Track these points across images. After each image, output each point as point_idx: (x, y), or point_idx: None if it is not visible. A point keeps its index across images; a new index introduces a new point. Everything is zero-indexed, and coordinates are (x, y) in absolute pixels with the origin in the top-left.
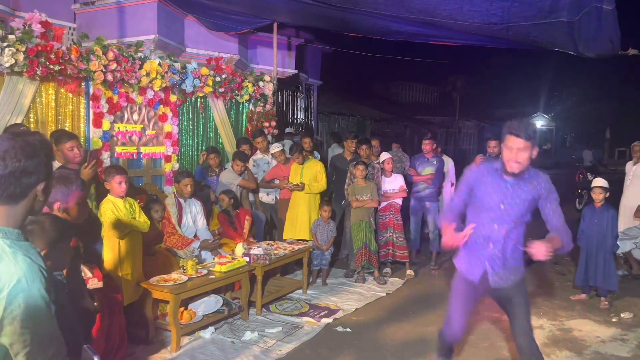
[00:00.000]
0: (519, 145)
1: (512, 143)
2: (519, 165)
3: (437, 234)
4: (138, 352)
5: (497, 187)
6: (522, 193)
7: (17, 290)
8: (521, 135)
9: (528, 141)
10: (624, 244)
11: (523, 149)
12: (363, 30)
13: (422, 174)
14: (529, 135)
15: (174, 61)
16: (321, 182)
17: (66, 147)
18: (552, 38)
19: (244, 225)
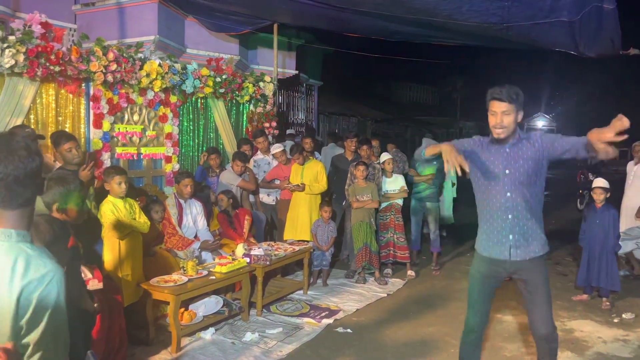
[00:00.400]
0: (502, 108)
1: (496, 107)
2: (504, 130)
3: (438, 234)
4: (138, 353)
5: (496, 154)
6: (522, 153)
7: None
8: (503, 98)
9: (511, 103)
10: (625, 244)
11: (507, 112)
12: (363, 30)
13: (423, 174)
14: (510, 97)
15: (174, 62)
16: (322, 183)
17: (64, 148)
18: (553, 38)
19: (244, 225)
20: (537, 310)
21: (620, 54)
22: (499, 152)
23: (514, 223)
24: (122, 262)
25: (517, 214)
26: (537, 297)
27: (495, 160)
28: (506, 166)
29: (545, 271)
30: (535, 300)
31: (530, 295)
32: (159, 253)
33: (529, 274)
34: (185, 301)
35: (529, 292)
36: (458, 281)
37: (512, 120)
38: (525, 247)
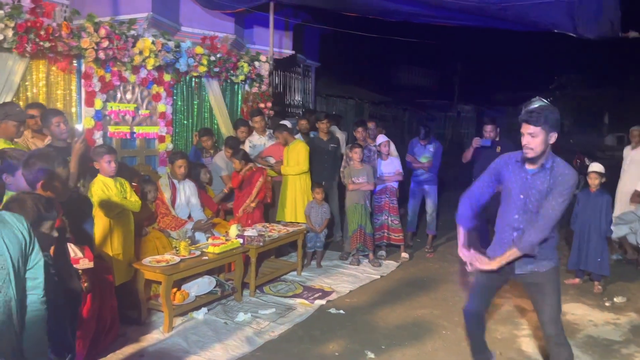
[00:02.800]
0: (529, 130)
1: (523, 129)
2: (531, 151)
3: (435, 217)
4: (130, 332)
5: (517, 177)
6: (539, 184)
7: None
8: (530, 121)
9: (537, 126)
10: (619, 228)
11: (534, 135)
12: (361, 9)
13: (421, 160)
14: (538, 120)
15: (167, 40)
16: (300, 164)
17: (53, 122)
18: (552, 19)
19: (255, 185)
20: (544, 312)
21: (619, 37)
22: (520, 176)
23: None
24: (113, 242)
25: (519, 234)
26: (545, 301)
27: (514, 182)
28: (521, 191)
29: (553, 279)
30: (543, 304)
31: (537, 296)
32: (152, 233)
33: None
34: (177, 281)
35: (536, 293)
36: (451, 264)
37: (539, 142)
38: (528, 264)
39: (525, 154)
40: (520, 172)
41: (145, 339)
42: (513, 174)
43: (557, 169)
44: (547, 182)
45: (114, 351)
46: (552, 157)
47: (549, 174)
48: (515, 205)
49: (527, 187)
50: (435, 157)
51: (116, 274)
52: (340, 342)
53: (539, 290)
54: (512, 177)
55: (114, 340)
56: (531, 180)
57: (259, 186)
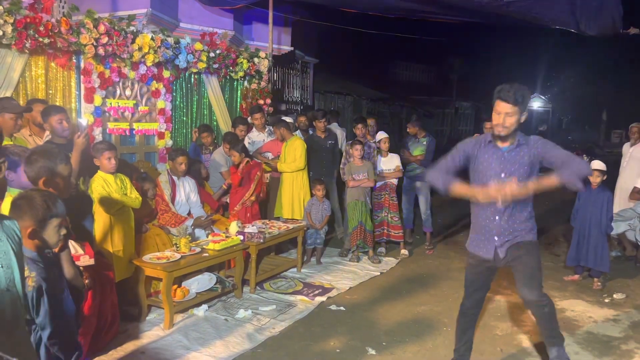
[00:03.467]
0: (506, 109)
1: (501, 107)
2: (505, 129)
3: (429, 214)
4: (130, 329)
5: (494, 157)
6: (520, 158)
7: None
8: (509, 100)
9: (515, 105)
10: (618, 225)
11: (510, 114)
12: (360, 6)
13: (413, 154)
14: (516, 99)
15: (167, 36)
16: (297, 161)
17: (54, 119)
18: (553, 15)
19: (253, 179)
20: (520, 277)
21: (620, 33)
22: (497, 155)
23: (500, 224)
24: (113, 238)
25: (504, 218)
26: (521, 267)
27: (492, 162)
28: (502, 170)
29: (531, 248)
30: (520, 269)
31: (516, 265)
32: (152, 230)
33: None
34: (178, 278)
35: (515, 263)
36: (451, 260)
37: (514, 121)
38: (510, 242)
39: (498, 132)
40: (496, 151)
41: (145, 335)
42: (488, 155)
43: (531, 140)
44: (529, 154)
45: (115, 348)
46: (520, 133)
47: (527, 146)
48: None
49: (508, 164)
50: (428, 151)
51: (116, 271)
52: (341, 339)
53: (518, 259)
54: (489, 158)
55: (115, 336)
56: (509, 156)
57: (257, 180)
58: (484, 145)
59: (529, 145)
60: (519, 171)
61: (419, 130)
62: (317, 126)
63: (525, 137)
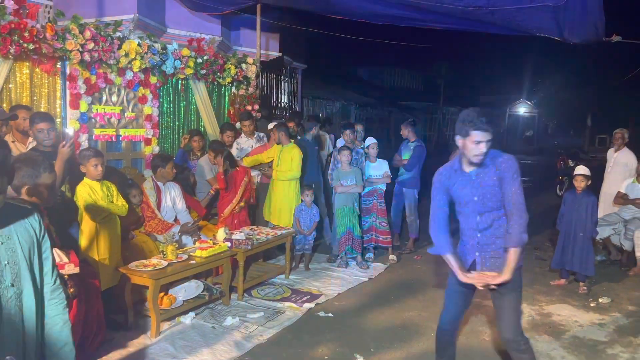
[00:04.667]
0: (486, 137)
1: (481, 137)
2: (484, 156)
3: (414, 220)
4: (117, 338)
5: (464, 183)
6: (487, 179)
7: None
8: (488, 129)
9: (491, 132)
10: (603, 229)
11: (489, 141)
12: (348, 12)
13: (404, 158)
14: (490, 127)
15: (154, 42)
16: (294, 169)
17: (37, 127)
18: (538, 23)
19: (239, 185)
20: (501, 314)
21: (603, 41)
22: (466, 180)
23: (482, 242)
24: (99, 246)
25: (485, 234)
26: (503, 303)
27: (464, 188)
28: (475, 193)
29: (515, 280)
30: (501, 306)
31: (497, 300)
32: (138, 237)
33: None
34: (164, 285)
35: (496, 297)
36: (439, 266)
37: (489, 146)
38: (492, 264)
39: (478, 161)
40: (464, 177)
41: (132, 344)
42: (458, 182)
43: (497, 159)
44: (494, 174)
45: (100, 357)
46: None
47: (491, 167)
48: (474, 209)
49: (478, 187)
50: (413, 155)
51: (102, 279)
52: (330, 346)
53: (500, 296)
54: (460, 185)
55: (100, 345)
56: (477, 179)
57: (244, 185)
58: (453, 173)
59: (495, 165)
60: (491, 192)
61: (409, 133)
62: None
63: (492, 156)
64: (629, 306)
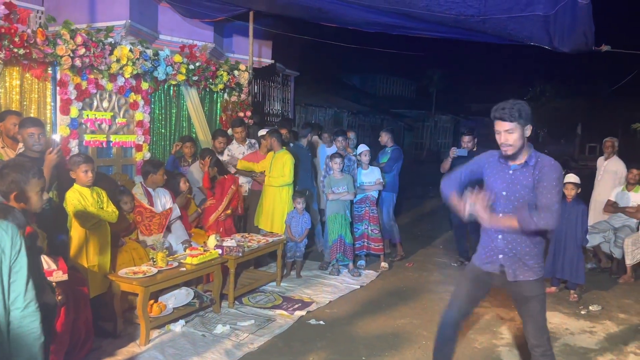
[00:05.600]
0: (505, 127)
1: (499, 126)
2: (510, 147)
3: (392, 225)
4: (105, 345)
5: (499, 174)
6: (523, 179)
7: None
8: (505, 117)
9: (512, 122)
10: (593, 237)
11: (510, 131)
12: (340, 21)
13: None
14: (512, 115)
15: (146, 48)
16: (285, 175)
17: (27, 132)
18: (528, 32)
19: (226, 192)
20: (527, 321)
21: (593, 50)
22: (503, 172)
23: (504, 244)
24: (88, 253)
25: (507, 236)
26: (528, 311)
27: (497, 178)
28: (504, 188)
29: (538, 289)
30: (526, 313)
31: (523, 309)
32: (128, 244)
33: (521, 292)
34: (154, 293)
35: (522, 306)
36: (431, 273)
37: (517, 137)
38: (515, 269)
39: (505, 152)
40: (503, 168)
41: (121, 352)
42: (495, 171)
43: (542, 162)
44: (532, 176)
45: None
46: (534, 153)
47: (534, 168)
48: (499, 203)
49: (510, 183)
50: (391, 157)
51: (91, 286)
52: (321, 354)
53: (525, 301)
54: (494, 174)
55: (89, 353)
56: (514, 176)
57: (231, 193)
58: (493, 160)
59: (538, 166)
60: (521, 192)
61: (388, 140)
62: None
63: (538, 157)
64: (619, 314)
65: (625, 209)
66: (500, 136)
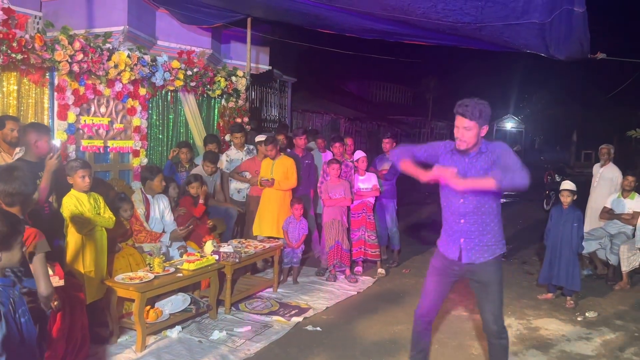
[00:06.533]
0: (464, 124)
1: (458, 122)
2: (464, 143)
3: (395, 231)
4: (101, 352)
5: (457, 162)
6: (480, 165)
7: None
8: (466, 115)
9: (472, 120)
10: (589, 244)
11: (468, 128)
12: (337, 27)
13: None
14: (473, 114)
15: (143, 53)
16: (291, 179)
17: (33, 139)
18: (524, 39)
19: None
20: (488, 307)
21: (588, 58)
22: (460, 160)
23: (465, 228)
24: (85, 258)
25: (468, 219)
26: (488, 295)
27: (453, 164)
28: (463, 175)
29: (497, 271)
30: (486, 298)
31: (481, 293)
32: (125, 249)
33: (480, 275)
34: (151, 299)
35: (480, 290)
36: None
37: (472, 135)
38: (475, 251)
39: (458, 147)
40: (460, 157)
41: (117, 358)
42: (453, 159)
43: (493, 147)
44: (489, 160)
45: None
46: (484, 142)
47: (488, 154)
48: (457, 190)
49: (469, 169)
50: (392, 166)
51: (88, 292)
52: None
53: (483, 287)
54: (454, 163)
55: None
56: (470, 162)
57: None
58: (450, 150)
59: (490, 153)
60: (479, 174)
61: (392, 147)
62: (296, 143)
63: (488, 145)
64: (615, 320)
65: (620, 215)
66: (457, 130)
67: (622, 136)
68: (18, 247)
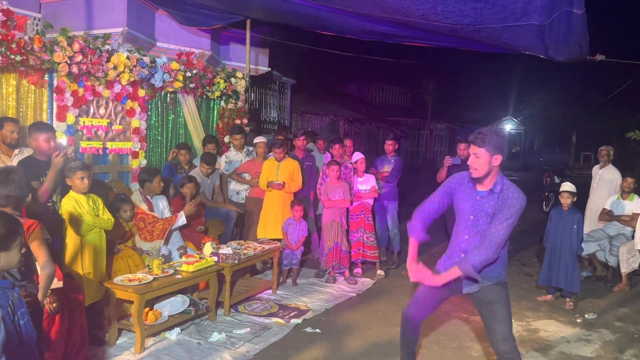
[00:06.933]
0: (474, 150)
1: (470, 149)
2: (475, 171)
3: (397, 233)
4: (100, 354)
5: (468, 197)
6: (488, 207)
7: None
8: (475, 143)
9: (481, 147)
10: (588, 245)
11: (478, 156)
12: (337, 29)
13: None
14: (483, 142)
15: (143, 55)
16: (297, 182)
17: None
18: (523, 41)
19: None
20: (495, 326)
21: (587, 59)
22: (471, 196)
23: (469, 242)
24: (84, 260)
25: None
26: (494, 314)
27: (465, 202)
28: (472, 212)
29: (502, 290)
30: (492, 317)
31: (487, 313)
32: (124, 251)
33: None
34: (150, 300)
35: (485, 309)
36: None
37: (483, 163)
38: (474, 285)
39: (471, 173)
40: (472, 192)
41: None
42: (464, 194)
43: (506, 192)
44: (495, 204)
45: None
46: (501, 180)
47: (497, 197)
48: (465, 225)
49: (477, 209)
50: (395, 167)
51: (86, 294)
52: None
53: (489, 307)
54: (464, 197)
55: None
56: (480, 202)
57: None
58: (464, 182)
59: (502, 196)
60: (485, 219)
61: (394, 149)
62: (296, 145)
63: (504, 185)
64: (615, 322)
65: (620, 217)
66: (469, 159)
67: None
68: (17, 248)
